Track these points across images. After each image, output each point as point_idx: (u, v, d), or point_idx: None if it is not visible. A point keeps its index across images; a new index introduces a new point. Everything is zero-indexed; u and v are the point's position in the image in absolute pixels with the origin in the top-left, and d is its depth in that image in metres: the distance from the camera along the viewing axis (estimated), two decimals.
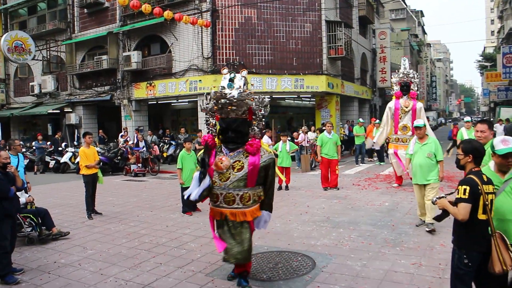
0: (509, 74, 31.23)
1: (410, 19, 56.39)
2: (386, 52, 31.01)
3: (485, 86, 54.61)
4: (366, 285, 5.18)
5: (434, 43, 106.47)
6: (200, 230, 8.10)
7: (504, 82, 37.00)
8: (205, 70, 19.69)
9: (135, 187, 14.21)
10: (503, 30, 47.21)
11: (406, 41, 40.65)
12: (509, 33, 40.34)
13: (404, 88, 12.45)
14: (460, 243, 3.88)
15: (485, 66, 56.35)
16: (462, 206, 3.73)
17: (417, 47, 53.98)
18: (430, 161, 7.53)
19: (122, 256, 6.60)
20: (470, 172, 3.91)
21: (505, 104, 37.17)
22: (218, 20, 19.61)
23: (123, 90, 22.46)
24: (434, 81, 72.82)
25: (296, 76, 19.89)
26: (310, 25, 20.39)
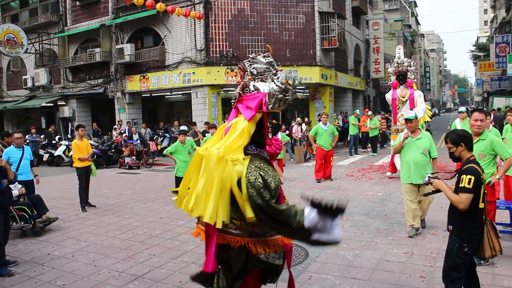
0: (502, 64, 31.32)
1: (403, 9, 56.29)
2: (379, 43, 30.99)
3: (479, 76, 54.78)
4: (359, 275, 5.23)
5: (428, 33, 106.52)
6: (193, 221, 8.04)
7: (497, 72, 37.15)
8: (198, 62, 19.64)
9: (129, 179, 14.21)
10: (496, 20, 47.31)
11: (400, 31, 40.56)
12: (502, 22, 40.44)
13: (400, 78, 12.31)
14: (463, 232, 3.86)
15: (478, 56, 56.50)
16: (466, 196, 3.73)
17: (411, 38, 53.97)
18: (425, 158, 6.70)
19: (115, 248, 6.63)
20: (469, 161, 3.92)
21: (498, 94, 37.33)
22: (211, 12, 19.54)
23: (117, 83, 22.37)
24: (428, 72, 72.89)
25: (289, 67, 19.87)
26: (303, 16, 20.36)
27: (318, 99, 21.96)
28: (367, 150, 19.77)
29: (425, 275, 5.14)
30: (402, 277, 5.12)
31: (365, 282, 5.00)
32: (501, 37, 33.00)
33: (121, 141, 17.89)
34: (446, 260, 3.99)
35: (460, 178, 3.80)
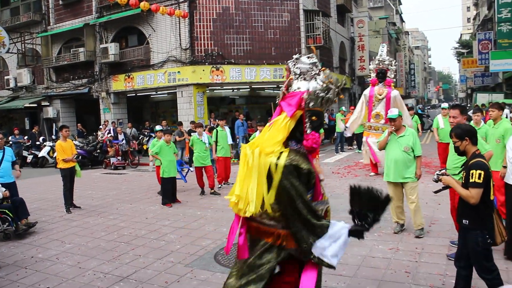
0: (484, 61, 31.68)
1: (388, 7, 56.66)
2: (364, 41, 31.16)
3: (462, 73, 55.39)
4: (344, 271, 5.25)
5: (412, 31, 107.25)
6: (179, 221, 8.11)
7: (480, 68, 37.55)
8: (183, 61, 19.55)
9: (115, 180, 14.11)
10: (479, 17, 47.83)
11: (384, 29, 40.83)
12: (484, 20, 40.86)
13: (379, 75, 12.37)
14: (483, 224, 3.89)
15: (462, 53, 57.13)
16: (476, 191, 3.77)
17: (395, 35, 54.36)
18: (407, 156, 6.51)
19: (101, 249, 6.58)
20: (475, 155, 3.96)
21: (482, 90, 37.78)
22: (196, 10, 19.45)
23: (101, 82, 22.19)
24: (413, 69, 73.44)
25: (275, 65, 19.89)
26: (288, 15, 20.38)
27: None
28: (353, 147, 19.87)
29: (410, 270, 5.19)
30: (387, 272, 5.16)
31: (351, 279, 5.03)
32: (483, 34, 33.37)
33: (106, 142, 17.76)
34: (475, 256, 3.95)
35: (470, 173, 3.82)
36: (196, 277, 5.32)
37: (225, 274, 5.33)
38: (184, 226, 7.72)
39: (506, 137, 6.17)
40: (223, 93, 23.97)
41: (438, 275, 5.01)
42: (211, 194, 10.54)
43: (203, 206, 9.39)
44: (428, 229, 6.76)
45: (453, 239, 6.05)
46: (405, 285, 4.80)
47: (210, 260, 5.91)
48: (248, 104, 25.98)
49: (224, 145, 11.43)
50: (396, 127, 6.72)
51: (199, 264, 5.76)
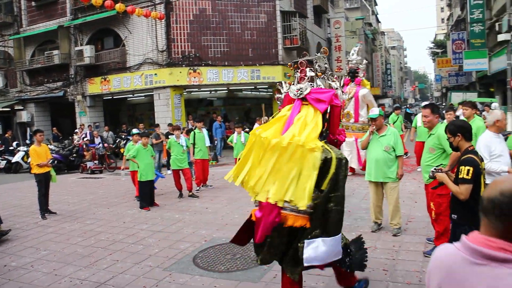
0: (458, 60, 32.24)
1: (364, 8, 57.23)
2: (341, 41, 31.41)
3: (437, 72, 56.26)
4: (323, 271, 5.25)
5: (388, 31, 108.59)
6: (158, 225, 8.03)
7: (455, 68, 38.21)
8: (160, 63, 19.41)
9: (92, 184, 13.92)
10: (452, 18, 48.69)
11: (361, 29, 41.28)
12: (457, 20, 41.61)
13: (350, 75, 12.48)
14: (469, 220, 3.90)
15: (436, 52, 58.05)
16: (465, 187, 3.83)
17: (372, 36, 54.98)
18: (388, 156, 6.45)
19: (77, 255, 6.47)
20: (468, 151, 4.01)
21: (456, 89, 38.45)
22: (172, 12, 19.35)
23: (77, 85, 21.87)
24: (389, 69, 74.37)
25: (252, 67, 19.90)
26: (265, 16, 20.41)
27: None
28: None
29: (388, 268, 5.24)
30: (365, 271, 5.18)
31: (329, 278, 5.04)
32: (457, 34, 33.97)
33: (82, 145, 17.51)
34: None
35: (459, 169, 3.88)
36: (175, 281, 5.27)
37: (204, 277, 5.32)
38: (162, 230, 7.66)
39: (478, 135, 6.28)
40: (201, 95, 23.87)
41: (415, 272, 5.06)
42: (190, 196, 10.47)
43: (182, 209, 9.33)
44: (405, 227, 6.84)
45: (429, 236, 6.14)
46: (383, 283, 4.84)
47: (188, 263, 5.86)
48: (226, 105, 25.94)
49: (201, 147, 11.38)
50: (377, 127, 6.67)
51: (178, 268, 5.71)
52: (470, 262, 1.43)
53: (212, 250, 6.35)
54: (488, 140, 5.15)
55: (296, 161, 3.61)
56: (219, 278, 5.28)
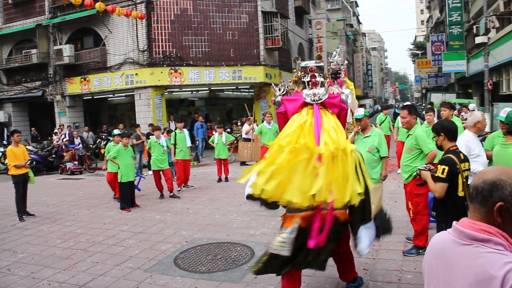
0: (438, 62, 32.71)
1: (345, 9, 57.74)
2: (322, 42, 31.62)
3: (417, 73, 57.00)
4: (304, 271, 5.28)
5: (369, 32, 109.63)
6: (138, 226, 7.97)
7: (434, 69, 38.77)
8: (141, 63, 19.26)
9: (71, 185, 13.74)
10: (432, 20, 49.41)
11: (342, 30, 41.63)
12: (436, 22, 42.24)
13: (333, 76, 12.53)
14: (446, 218, 4.03)
15: (416, 54, 58.82)
16: (439, 185, 3.95)
17: (353, 37, 55.45)
18: (371, 156, 6.31)
19: (56, 258, 6.38)
20: (448, 151, 4.10)
21: (436, 90, 39.02)
22: (153, 12, 19.21)
23: (56, 85, 21.56)
24: (370, 70, 75.17)
25: (234, 67, 19.87)
26: (246, 16, 20.41)
27: (263, 98, 22.06)
28: None
29: (368, 268, 5.29)
30: None
31: (310, 278, 5.07)
32: (436, 36, 34.47)
33: (62, 146, 17.27)
34: None
35: (438, 169, 4.01)
36: (156, 282, 5.24)
37: (185, 278, 5.30)
38: (143, 231, 7.60)
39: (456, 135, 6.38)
40: (182, 95, 23.77)
41: (395, 271, 5.12)
42: (171, 197, 10.42)
43: (163, 209, 9.28)
44: None
45: (409, 235, 6.21)
46: (363, 282, 4.87)
47: (169, 264, 5.83)
48: (208, 106, 25.87)
49: (183, 147, 11.33)
50: (362, 127, 6.56)
51: (159, 269, 5.67)
52: (457, 243, 1.59)
53: (193, 250, 6.33)
54: (468, 139, 5.26)
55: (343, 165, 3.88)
56: (200, 279, 5.26)
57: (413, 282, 4.77)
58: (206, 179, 13.06)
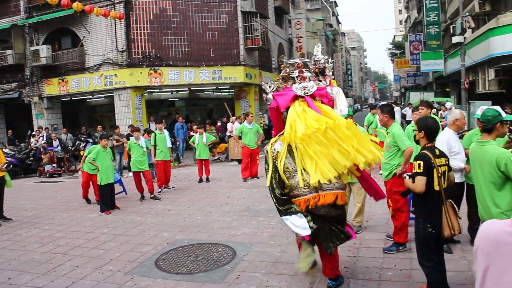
0: (416, 61, 33.18)
1: (324, 9, 58.08)
2: (302, 42, 31.76)
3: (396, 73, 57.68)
4: (285, 270, 5.31)
5: (348, 32, 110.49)
6: (119, 228, 7.89)
7: (412, 68, 39.29)
8: (120, 64, 19.09)
9: (50, 188, 13.52)
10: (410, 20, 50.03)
11: (322, 30, 41.87)
12: (414, 22, 42.79)
13: (319, 74, 12.54)
14: (423, 213, 4.14)
15: (395, 53, 59.54)
16: (418, 179, 4.02)
17: (332, 37, 55.85)
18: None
19: (34, 262, 6.27)
20: (424, 147, 4.22)
21: (414, 89, 39.53)
22: (132, 12, 19.06)
23: (33, 87, 21.21)
24: (350, 69, 75.78)
25: (214, 67, 19.84)
26: (226, 16, 20.39)
27: (244, 98, 22.08)
28: None
29: (349, 266, 5.33)
30: None
31: (292, 277, 5.09)
32: (414, 36, 34.98)
33: (40, 149, 17.00)
34: (417, 241, 4.28)
35: (413, 165, 4.11)
36: (137, 285, 5.20)
37: (167, 279, 5.27)
38: (123, 233, 7.53)
39: None
40: (162, 95, 23.63)
41: (375, 269, 5.17)
42: (151, 198, 10.33)
43: (143, 211, 9.20)
44: (366, 224, 6.97)
45: (389, 233, 6.27)
46: (344, 280, 4.91)
47: (151, 266, 5.79)
48: (188, 106, 25.77)
49: (163, 148, 11.26)
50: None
51: (140, 271, 5.63)
52: None
53: (174, 252, 6.30)
54: (448, 137, 5.41)
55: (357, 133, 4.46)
56: (181, 281, 5.24)
57: (394, 279, 4.82)
58: (187, 180, 13.00)
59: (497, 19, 17.50)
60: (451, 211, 4.17)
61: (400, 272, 4.97)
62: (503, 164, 3.84)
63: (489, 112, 4.16)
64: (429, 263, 4.13)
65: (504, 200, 3.95)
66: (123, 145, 13.97)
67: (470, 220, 5.74)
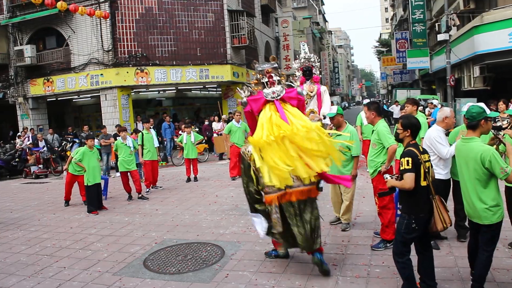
0: (402, 59, 33.39)
1: (311, 7, 58.13)
2: (289, 40, 31.77)
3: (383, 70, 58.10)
4: (274, 268, 5.32)
5: (335, 30, 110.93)
6: (106, 229, 7.84)
7: (399, 66, 39.59)
8: (106, 63, 18.94)
9: (36, 189, 13.38)
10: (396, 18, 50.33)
11: (308, 29, 41.88)
12: (400, 20, 43.07)
13: (306, 73, 12.55)
14: (410, 209, 4.16)
15: (381, 51, 59.86)
16: (408, 175, 4.05)
17: (319, 35, 55.94)
18: (343, 155, 6.18)
19: (21, 264, 6.20)
20: (408, 144, 4.25)
21: (401, 87, 39.83)
22: (118, 11, 18.92)
23: (18, 87, 20.98)
24: (337, 67, 76.07)
25: (200, 66, 19.79)
26: (212, 15, 20.33)
27: (231, 97, 22.05)
28: None
29: (337, 263, 5.35)
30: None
31: (281, 275, 5.10)
32: (400, 34, 35.18)
33: (25, 149, 16.81)
34: (396, 235, 4.30)
35: (401, 162, 4.13)
36: (125, 285, 5.17)
37: (155, 279, 5.25)
38: (111, 234, 7.48)
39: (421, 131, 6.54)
40: (149, 95, 23.51)
41: (364, 266, 5.20)
42: (139, 198, 10.28)
43: (131, 211, 9.15)
44: (354, 221, 7.01)
45: (376, 230, 6.31)
46: (332, 277, 4.93)
47: (139, 266, 5.76)
48: (175, 105, 25.67)
49: (150, 148, 11.20)
50: (335, 125, 6.68)
51: (128, 272, 5.60)
52: None
53: (163, 252, 6.27)
54: (438, 134, 5.53)
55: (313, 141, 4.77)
56: (170, 280, 5.22)
57: (381, 276, 4.85)
58: (175, 180, 12.96)
59: (482, 17, 17.70)
60: (440, 205, 4.24)
61: (388, 269, 5.00)
62: (487, 161, 3.90)
63: (473, 109, 4.22)
64: (402, 259, 4.18)
65: (489, 196, 4.01)
66: (110, 145, 13.87)
67: (456, 216, 5.79)
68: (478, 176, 4.02)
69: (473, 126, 4.18)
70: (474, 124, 4.16)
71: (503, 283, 4.44)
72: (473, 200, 4.10)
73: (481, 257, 4.11)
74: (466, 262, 4.59)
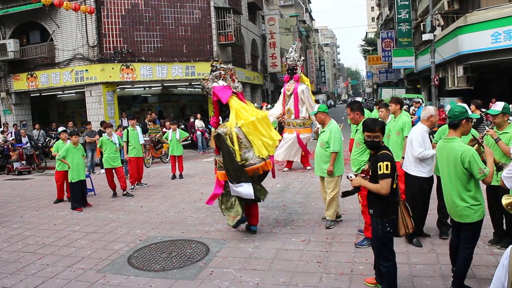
0: (387, 58, 33.64)
1: (298, 5, 58.14)
2: (275, 38, 31.79)
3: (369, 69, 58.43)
4: (259, 265, 5.35)
5: (321, 28, 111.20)
6: (90, 226, 7.79)
7: (384, 65, 39.84)
8: (91, 59, 18.74)
9: (19, 186, 13.22)
10: (381, 17, 50.65)
11: (295, 27, 41.92)
12: (386, 19, 43.34)
13: (289, 72, 12.70)
14: (383, 213, 4.08)
15: (367, 50, 60.24)
16: (386, 181, 3.96)
17: (306, 33, 56.03)
18: (323, 151, 6.60)
19: (2, 262, 6.13)
20: (382, 147, 4.18)
21: (386, 85, 40.12)
22: (103, 6, 18.72)
23: (0, 82, 20.65)
24: (323, 65, 76.39)
25: (186, 63, 19.70)
26: (199, 12, 20.24)
27: None
28: None
29: (321, 260, 5.39)
30: (300, 264, 5.33)
31: (265, 272, 5.13)
32: (386, 33, 35.42)
33: (8, 145, 16.58)
34: (375, 242, 4.22)
35: (378, 166, 4.00)
36: (109, 283, 5.15)
37: (139, 277, 5.24)
38: (95, 231, 7.43)
39: (404, 130, 6.63)
40: (135, 91, 23.34)
41: (347, 263, 5.25)
42: (124, 195, 10.22)
43: (116, 208, 9.10)
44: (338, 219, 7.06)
45: (360, 227, 6.38)
46: (316, 274, 4.98)
47: (123, 264, 5.74)
48: (161, 102, 25.53)
49: (135, 145, 11.14)
50: (319, 123, 7.01)
51: (112, 269, 5.57)
52: None
53: (147, 249, 6.26)
54: (423, 132, 5.56)
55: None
56: (154, 278, 5.22)
57: (365, 273, 4.90)
58: (160, 177, 12.91)
59: (465, 18, 17.92)
60: (404, 210, 4.22)
61: (371, 266, 5.06)
62: (467, 161, 3.96)
63: (456, 108, 4.27)
64: (387, 263, 4.13)
65: (470, 195, 4.08)
66: (95, 141, 13.76)
67: (439, 213, 5.87)
68: (458, 175, 4.08)
69: (454, 125, 4.23)
70: (456, 123, 4.21)
71: (482, 279, 4.52)
72: (454, 199, 4.16)
73: (462, 254, 4.17)
74: (447, 259, 4.66)
